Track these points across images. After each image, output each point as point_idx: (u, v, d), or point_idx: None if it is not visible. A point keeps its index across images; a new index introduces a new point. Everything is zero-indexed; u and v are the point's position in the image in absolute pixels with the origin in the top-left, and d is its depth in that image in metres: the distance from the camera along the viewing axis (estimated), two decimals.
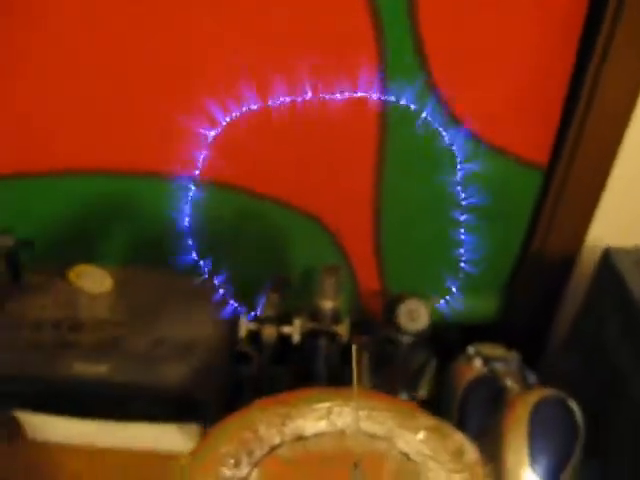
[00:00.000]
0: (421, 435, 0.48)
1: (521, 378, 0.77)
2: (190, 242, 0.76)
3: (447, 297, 0.93)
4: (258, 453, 0.46)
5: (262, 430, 0.47)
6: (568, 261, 0.84)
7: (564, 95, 0.76)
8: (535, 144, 0.81)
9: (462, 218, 0.86)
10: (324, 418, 0.49)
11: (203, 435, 0.67)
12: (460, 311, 0.95)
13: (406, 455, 0.48)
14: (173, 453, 0.76)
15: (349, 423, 0.49)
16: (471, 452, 0.47)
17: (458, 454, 0.47)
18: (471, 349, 0.81)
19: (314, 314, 0.77)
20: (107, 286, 0.80)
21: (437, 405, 0.79)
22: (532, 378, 0.76)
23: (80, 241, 0.88)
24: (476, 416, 0.75)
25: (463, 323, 0.94)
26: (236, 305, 0.76)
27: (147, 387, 0.72)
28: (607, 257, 0.70)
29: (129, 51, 0.74)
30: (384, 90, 0.74)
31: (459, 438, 0.48)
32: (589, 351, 0.76)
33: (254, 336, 0.76)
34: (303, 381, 0.79)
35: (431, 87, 0.76)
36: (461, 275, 0.93)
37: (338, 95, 0.73)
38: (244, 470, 0.45)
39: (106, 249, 0.89)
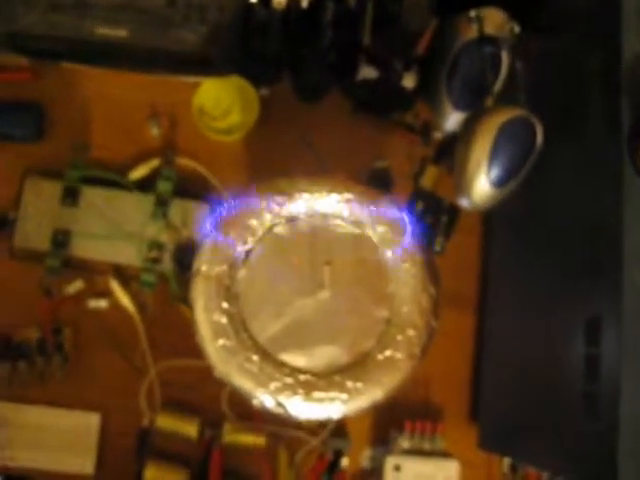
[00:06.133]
0: (382, 228, 0.63)
1: (512, 60, 0.83)
2: None
3: None
4: (260, 232, 0.62)
5: (264, 215, 0.61)
6: None
7: None
8: None
9: None
10: (312, 203, 0.62)
11: None
12: None
13: (370, 238, 0.63)
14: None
15: (331, 208, 0.63)
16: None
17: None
18: (473, 12, 0.84)
19: None
20: None
21: (431, 61, 0.87)
22: (519, 65, 0.82)
23: None
24: (462, 78, 0.84)
25: None
26: None
27: (165, 49, 0.79)
28: None
29: None
30: None
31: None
32: (567, 64, 0.80)
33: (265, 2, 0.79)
34: (308, 43, 0.85)
35: None
36: None
37: None
38: (249, 246, 0.62)
39: None
